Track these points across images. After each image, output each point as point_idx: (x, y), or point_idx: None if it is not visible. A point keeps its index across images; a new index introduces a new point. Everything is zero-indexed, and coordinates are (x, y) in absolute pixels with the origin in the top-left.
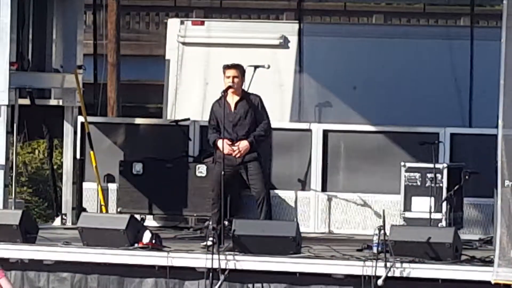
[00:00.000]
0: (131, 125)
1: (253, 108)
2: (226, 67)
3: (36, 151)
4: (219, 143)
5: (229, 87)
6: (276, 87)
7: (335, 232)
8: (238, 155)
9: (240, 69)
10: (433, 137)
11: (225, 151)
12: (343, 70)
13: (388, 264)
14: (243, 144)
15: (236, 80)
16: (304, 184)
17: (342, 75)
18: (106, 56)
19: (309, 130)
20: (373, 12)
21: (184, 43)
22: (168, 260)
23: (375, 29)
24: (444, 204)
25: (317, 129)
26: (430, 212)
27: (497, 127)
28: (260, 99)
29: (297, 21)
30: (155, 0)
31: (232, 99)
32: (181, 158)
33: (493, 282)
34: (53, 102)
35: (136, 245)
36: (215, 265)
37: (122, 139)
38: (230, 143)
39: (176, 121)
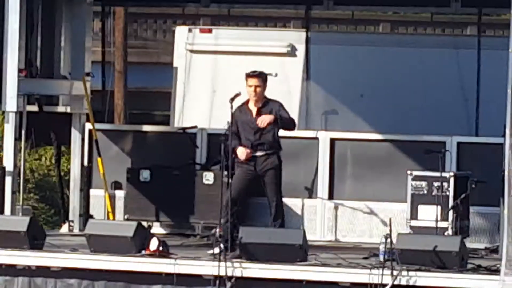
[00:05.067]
0: (138, 133)
1: (275, 113)
2: (248, 75)
3: (43, 158)
4: (239, 150)
5: (248, 100)
6: (283, 95)
7: (341, 240)
8: (262, 124)
9: (262, 77)
10: (440, 145)
11: (243, 158)
12: (350, 78)
13: (395, 272)
14: (268, 116)
15: (258, 89)
16: (311, 192)
17: (349, 83)
18: (114, 64)
19: (316, 138)
20: (380, 21)
21: (191, 51)
22: (175, 268)
23: (382, 37)
24: (451, 212)
25: (324, 137)
26: (437, 221)
27: (504, 136)
28: (281, 104)
29: (304, 30)
30: (163, 7)
31: (253, 106)
32: (188, 166)
33: None
34: (61, 109)
35: (143, 252)
36: (222, 273)
37: (129, 146)
38: (249, 151)
39: (184, 129)
